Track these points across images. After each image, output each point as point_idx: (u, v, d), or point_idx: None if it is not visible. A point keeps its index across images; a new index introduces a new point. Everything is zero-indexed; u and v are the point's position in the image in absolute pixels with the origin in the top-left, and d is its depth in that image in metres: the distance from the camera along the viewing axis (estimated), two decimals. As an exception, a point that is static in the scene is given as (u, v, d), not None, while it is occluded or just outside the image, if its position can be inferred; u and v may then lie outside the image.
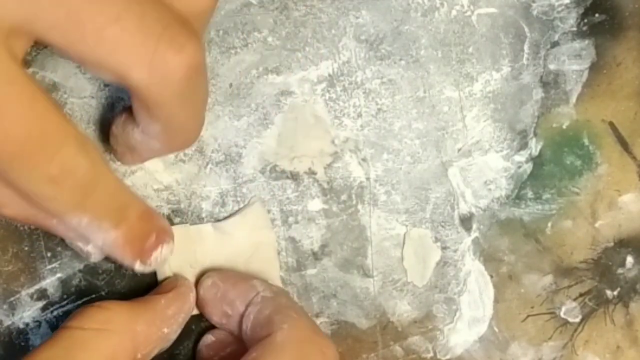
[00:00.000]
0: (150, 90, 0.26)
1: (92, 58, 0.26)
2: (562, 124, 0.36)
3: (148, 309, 0.31)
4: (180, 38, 0.26)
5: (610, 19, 0.35)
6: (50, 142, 0.26)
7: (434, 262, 0.35)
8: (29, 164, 0.26)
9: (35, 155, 0.26)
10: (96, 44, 0.25)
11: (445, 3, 0.35)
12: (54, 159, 0.26)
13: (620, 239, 0.36)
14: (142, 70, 0.26)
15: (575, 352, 0.36)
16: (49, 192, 0.27)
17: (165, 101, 0.27)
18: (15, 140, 0.25)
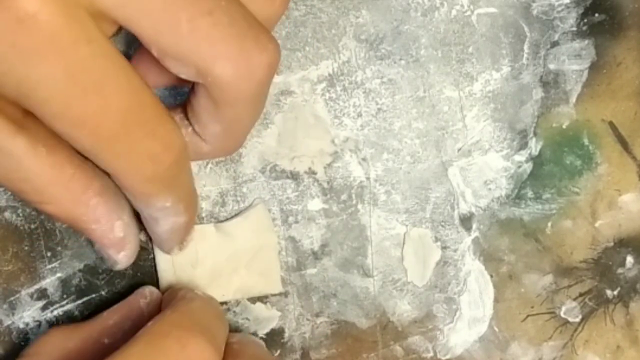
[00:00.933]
0: (230, 86, 0.27)
1: (179, 49, 0.25)
2: (562, 123, 0.36)
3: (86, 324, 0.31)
4: (263, 37, 0.27)
5: (610, 19, 0.35)
6: (150, 117, 0.26)
7: (434, 262, 0.35)
8: (130, 139, 0.26)
9: (137, 130, 0.26)
10: (187, 35, 0.25)
11: (445, 3, 0.35)
12: (153, 134, 0.26)
13: (620, 238, 0.36)
14: (227, 65, 0.26)
15: (575, 352, 0.36)
16: (149, 170, 0.27)
17: (240, 99, 0.27)
18: (117, 113, 0.25)
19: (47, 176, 0.28)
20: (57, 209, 0.29)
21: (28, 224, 0.33)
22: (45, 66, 0.24)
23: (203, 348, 0.27)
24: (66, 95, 0.24)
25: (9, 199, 0.33)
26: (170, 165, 0.27)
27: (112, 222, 0.30)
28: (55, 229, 0.33)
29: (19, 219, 0.33)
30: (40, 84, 0.24)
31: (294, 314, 0.35)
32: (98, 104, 0.25)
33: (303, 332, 0.35)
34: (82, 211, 0.29)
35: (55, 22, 0.23)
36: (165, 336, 0.27)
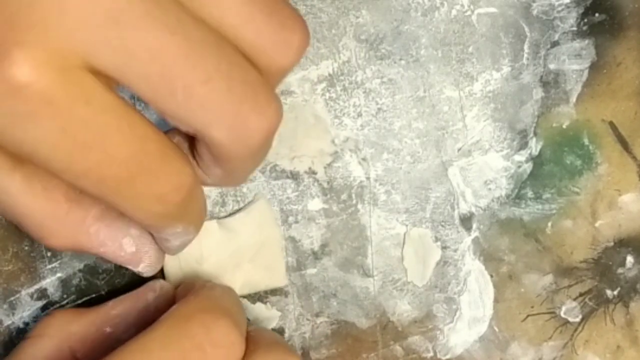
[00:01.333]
0: (226, 148, 0.27)
1: (175, 114, 0.26)
2: (562, 123, 0.36)
3: (90, 310, 0.31)
4: (262, 100, 0.26)
5: (610, 19, 0.35)
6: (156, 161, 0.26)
7: (434, 262, 0.35)
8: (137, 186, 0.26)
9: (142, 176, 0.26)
10: (183, 102, 0.25)
11: (445, 3, 0.35)
12: (161, 177, 0.26)
13: (620, 238, 0.36)
14: (222, 130, 0.26)
15: (575, 352, 0.36)
16: (158, 209, 0.27)
17: (237, 158, 0.27)
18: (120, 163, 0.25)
19: (44, 212, 0.28)
20: (59, 242, 0.29)
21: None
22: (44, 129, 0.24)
23: (228, 330, 0.27)
24: (67, 153, 0.24)
25: (9, 199, 0.33)
26: (179, 202, 0.27)
27: (119, 242, 0.30)
28: (55, 228, 0.33)
29: (19, 219, 0.33)
30: (39, 145, 0.24)
31: (294, 314, 0.35)
32: (100, 158, 0.25)
33: (303, 332, 0.35)
34: (85, 239, 0.30)
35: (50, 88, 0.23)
36: (189, 319, 0.27)
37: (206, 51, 0.25)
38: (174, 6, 0.24)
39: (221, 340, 0.27)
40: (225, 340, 0.27)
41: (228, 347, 0.27)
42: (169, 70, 0.24)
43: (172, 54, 0.24)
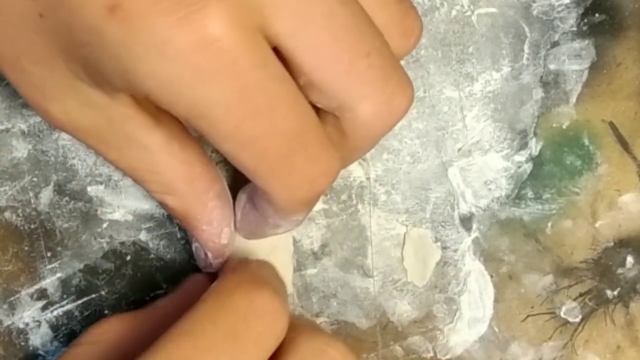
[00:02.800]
0: (367, 125, 0.27)
1: (331, 85, 0.26)
2: (562, 124, 0.36)
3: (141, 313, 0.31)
4: (404, 78, 0.27)
5: (610, 19, 0.35)
6: (314, 142, 0.26)
7: (434, 262, 0.35)
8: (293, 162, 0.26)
9: (301, 153, 0.26)
10: (345, 72, 0.26)
11: (445, 3, 0.35)
12: (317, 159, 0.26)
13: (620, 239, 0.36)
14: (371, 106, 0.27)
15: (575, 352, 0.36)
16: (304, 193, 0.27)
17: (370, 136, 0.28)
18: (284, 136, 0.25)
19: (176, 171, 0.29)
20: (177, 203, 0.30)
21: (28, 224, 0.33)
22: (223, 89, 0.24)
23: (270, 299, 0.27)
24: (238, 117, 0.24)
25: (9, 199, 0.33)
26: (324, 189, 0.27)
27: (222, 228, 0.31)
28: (55, 229, 0.33)
29: (19, 219, 0.33)
30: (214, 105, 0.24)
31: (294, 314, 0.35)
32: (268, 127, 0.25)
33: (306, 331, 0.35)
34: (200, 210, 0.30)
35: (238, 46, 0.23)
36: (231, 293, 0.27)
37: (366, 26, 0.26)
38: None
39: (264, 309, 0.27)
40: (268, 308, 0.27)
41: (272, 314, 0.27)
42: (339, 40, 0.25)
43: (341, 24, 0.25)
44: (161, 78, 0.24)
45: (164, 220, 0.34)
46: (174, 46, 0.23)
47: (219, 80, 0.24)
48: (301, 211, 0.28)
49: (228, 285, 0.28)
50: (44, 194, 0.33)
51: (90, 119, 0.27)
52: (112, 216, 0.34)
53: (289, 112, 0.25)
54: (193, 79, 0.24)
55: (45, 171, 0.33)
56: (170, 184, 0.29)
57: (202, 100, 0.24)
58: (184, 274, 0.34)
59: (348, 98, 0.26)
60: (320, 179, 0.27)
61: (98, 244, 0.34)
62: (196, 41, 0.23)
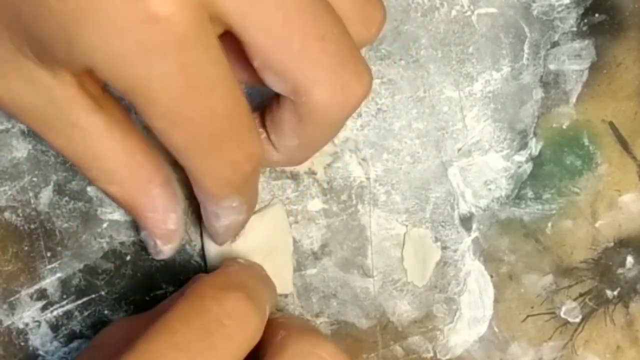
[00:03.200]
0: (322, 110, 0.27)
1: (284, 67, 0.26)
2: (562, 124, 0.36)
3: (148, 314, 0.31)
4: (362, 68, 0.27)
5: (610, 19, 0.35)
6: (244, 126, 0.27)
7: (434, 262, 0.35)
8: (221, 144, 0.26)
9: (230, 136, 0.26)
10: (297, 54, 0.26)
11: (445, 3, 0.35)
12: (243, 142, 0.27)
13: (620, 239, 0.36)
14: (325, 91, 0.27)
15: (575, 352, 0.36)
16: (228, 175, 0.28)
17: (327, 122, 0.28)
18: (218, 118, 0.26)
19: (117, 159, 0.29)
20: (120, 192, 0.30)
21: (28, 224, 0.33)
22: (165, 66, 0.24)
23: (241, 302, 0.28)
24: (176, 95, 0.25)
25: (9, 199, 0.33)
26: (248, 172, 0.28)
27: (167, 214, 0.31)
28: (55, 229, 0.33)
29: (19, 219, 0.33)
30: (154, 82, 0.24)
31: (294, 314, 0.35)
32: (204, 107, 0.25)
33: (303, 332, 0.35)
34: (143, 198, 0.30)
35: (183, 25, 0.23)
36: (202, 297, 0.28)
37: (322, 10, 0.26)
38: None
39: (235, 311, 0.27)
40: (237, 311, 0.27)
41: (241, 318, 0.27)
42: (290, 21, 0.25)
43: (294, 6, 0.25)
44: (105, 51, 0.24)
45: (163, 220, 0.34)
46: (120, 20, 0.23)
47: (161, 57, 0.24)
48: (229, 195, 0.29)
49: (201, 288, 0.28)
50: (43, 194, 0.33)
51: (31, 98, 0.27)
52: (112, 216, 0.34)
53: (225, 96, 0.25)
54: (136, 53, 0.24)
55: (45, 171, 0.33)
56: (111, 172, 0.29)
57: (142, 76, 0.24)
58: (184, 274, 0.34)
59: (301, 81, 0.27)
60: (245, 162, 0.27)
61: (98, 244, 0.34)
62: (142, 17, 0.23)
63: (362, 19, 0.28)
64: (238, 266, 0.31)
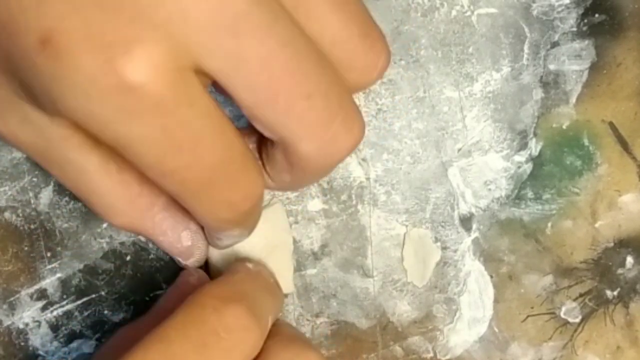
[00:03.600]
0: (310, 161, 0.27)
1: (270, 123, 0.26)
2: (562, 124, 0.36)
3: (147, 315, 0.31)
4: (351, 117, 0.27)
5: (610, 19, 0.35)
6: (237, 169, 0.27)
7: (434, 262, 0.35)
8: (214, 192, 0.27)
9: (222, 182, 0.26)
10: (282, 113, 0.26)
11: (445, 3, 0.35)
12: (236, 186, 0.27)
13: (620, 239, 0.36)
14: (312, 145, 0.27)
15: (575, 352, 0.36)
16: (226, 215, 0.28)
17: (316, 171, 0.28)
18: (207, 168, 0.26)
19: (115, 193, 0.29)
20: (124, 223, 0.30)
21: (28, 224, 0.33)
22: (145, 128, 0.24)
23: (239, 315, 0.27)
24: (161, 151, 0.25)
25: (9, 199, 0.33)
26: (246, 211, 0.28)
27: (179, 233, 0.31)
28: (55, 229, 0.33)
29: (19, 219, 0.33)
30: (136, 141, 0.25)
31: (294, 315, 0.35)
32: (190, 160, 0.25)
33: (303, 333, 0.35)
34: (149, 225, 0.30)
35: (161, 90, 0.24)
36: (202, 307, 0.27)
37: (311, 67, 0.26)
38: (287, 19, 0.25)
39: (234, 324, 0.27)
40: (236, 324, 0.27)
41: (240, 330, 0.27)
42: (275, 82, 0.25)
43: (280, 67, 0.25)
44: (86, 113, 0.24)
45: (163, 221, 0.34)
46: (98, 86, 0.23)
47: (141, 119, 0.24)
48: (230, 229, 0.29)
49: (201, 299, 0.28)
50: (44, 194, 0.33)
51: (30, 136, 0.28)
52: (112, 216, 0.34)
53: (213, 146, 0.26)
54: (116, 117, 0.24)
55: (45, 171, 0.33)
56: (112, 205, 0.29)
57: (124, 136, 0.25)
58: (183, 274, 0.34)
59: (287, 136, 0.27)
60: (242, 202, 0.27)
61: (98, 244, 0.34)
62: (119, 84, 0.23)
63: (362, 65, 0.28)
64: (244, 274, 0.31)
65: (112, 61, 0.23)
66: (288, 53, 0.25)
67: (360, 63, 0.28)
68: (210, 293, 0.28)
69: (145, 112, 0.24)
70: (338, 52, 0.27)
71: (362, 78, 0.28)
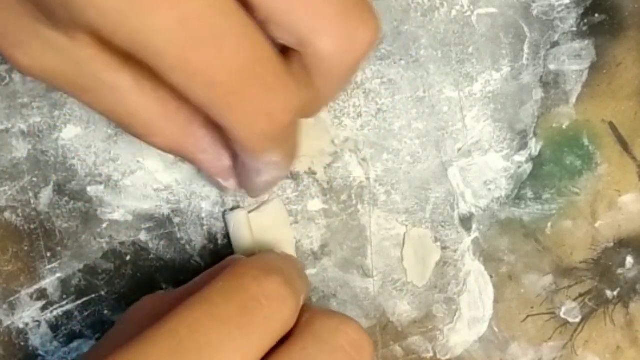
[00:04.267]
0: (329, 60, 0.27)
1: (286, 18, 0.25)
2: (562, 124, 0.36)
3: (177, 291, 0.31)
4: (367, 14, 0.27)
5: (610, 19, 0.35)
6: (270, 75, 0.26)
7: (434, 262, 0.35)
8: (247, 95, 0.25)
9: (255, 86, 0.25)
10: (298, 5, 0.25)
11: (445, 3, 0.35)
12: (274, 92, 0.26)
13: (620, 239, 0.36)
14: (330, 40, 0.26)
15: (575, 352, 0.36)
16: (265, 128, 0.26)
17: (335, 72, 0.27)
18: (234, 69, 0.25)
19: (152, 110, 0.28)
20: (164, 141, 0.29)
21: (28, 224, 0.33)
22: (162, 19, 0.23)
23: (278, 285, 0.28)
24: (181, 47, 0.24)
25: (9, 199, 0.33)
26: (287, 125, 0.27)
27: (219, 151, 0.30)
28: (55, 229, 0.33)
29: (19, 219, 0.33)
30: (154, 35, 0.24)
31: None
32: (214, 58, 0.24)
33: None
34: (190, 141, 0.29)
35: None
36: (242, 275, 0.28)
37: None
38: None
39: (273, 293, 0.27)
40: (276, 293, 0.27)
41: (279, 300, 0.27)
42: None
43: None
44: (100, 7, 0.23)
45: (163, 220, 0.34)
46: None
47: (158, 9, 0.23)
48: (268, 148, 0.28)
49: (241, 269, 0.28)
50: (43, 194, 0.33)
51: (56, 63, 0.27)
52: (112, 216, 0.34)
53: (238, 45, 0.25)
54: (131, 7, 0.23)
55: (45, 171, 0.33)
56: (149, 125, 0.29)
57: (142, 30, 0.23)
58: (184, 274, 0.34)
59: (306, 32, 0.26)
60: (279, 112, 0.26)
61: (98, 244, 0.34)
62: None
63: None
64: (275, 255, 0.31)
65: None
66: None
67: None
68: (248, 264, 0.28)
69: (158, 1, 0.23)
70: None
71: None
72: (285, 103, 0.26)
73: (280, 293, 0.28)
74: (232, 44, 0.24)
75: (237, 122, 0.26)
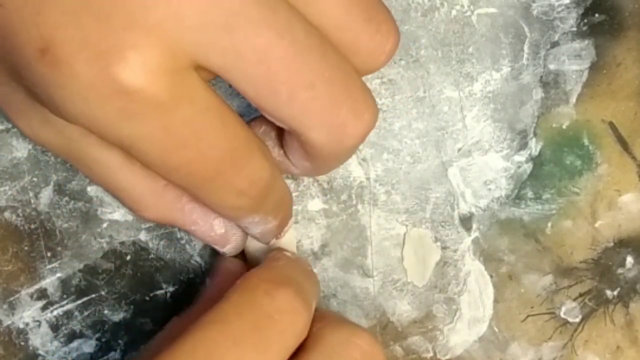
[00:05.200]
0: (322, 149, 0.27)
1: (276, 113, 0.26)
2: (562, 124, 0.36)
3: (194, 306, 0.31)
4: (360, 104, 0.27)
5: (610, 19, 0.35)
6: (240, 158, 0.27)
7: (434, 262, 0.35)
8: (220, 182, 0.27)
9: (227, 172, 0.27)
10: (285, 104, 0.26)
11: (445, 3, 0.35)
12: (242, 173, 0.27)
13: (620, 239, 0.36)
14: (321, 133, 0.27)
15: (575, 352, 0.36)
16: (236, 203, 0.28)
17: (330, 157, 0.28)
18: (211, 163, 0.26)
19: (141, 187, 0.29)
20: (155, 216, 0.30)
21: (28, 224, 0.33)
22: (147, 128, 0.25)
23: (289, 297, 0.28)
24: (164, 149, 0.25)
25: (9, 199, 0.33)
26: (255, 196, 0.28)
27: (210, 222, 0.31)
28: (55, 229, 0.33)
29: (19, 219, 0.33)
30: (139, 141, 0.25)
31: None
32: (194, 155, 0.26)
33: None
34: (179, 216, 0.31)
35: (160, 92, 0.24)
36: (254, 289, 0.28)
37: (311, 56, 0.25)
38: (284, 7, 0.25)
39: (284, 306, 0.28)
40: (288, 307, 0.28)
41: (292, 313, 0.28)
42: (275, 74, 0.25)
43: (279, 57, 0.25)
44: (88, 118, 0.25)
45: (163, 220, 0.34)
46: (96, 92, 0.24)
47: (141, 121, 0.24)
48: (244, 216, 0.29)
49: (252, 282, 0.28)
50: (44, 194, 0.33)
51: (53, 137, 0.29)
52: (112, 216, 0.34)
53: (216, 139, 0.26)
54: (117, 120, 0.24)
55: (45, 171, 0.33)
56: (140, 200, 0.30)
57: (127, 137, 0.25)
58: (184, 274, 0.34)
59: (295, 126, 0.27)
60: (249, 189, 0.28)
61: (98, 244, 0.34)
62: (116, 89, 0.24)
63: (370, 48, 0.27)
64: (285, 260, 0.31)
65: (108, 68, 0.23)
66: (286, 43, 0.25)
67: (366, 47, 0.27)
68: (260, 277, 0.28)
69: (144, 114, 0.24)
70: (342, 37, 0.27)
71: (369, 61, 0.28)
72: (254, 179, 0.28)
73: (293, 306, 0.28)
74: (210, 141, 0.26)
75: (212, 201, 0.28)
